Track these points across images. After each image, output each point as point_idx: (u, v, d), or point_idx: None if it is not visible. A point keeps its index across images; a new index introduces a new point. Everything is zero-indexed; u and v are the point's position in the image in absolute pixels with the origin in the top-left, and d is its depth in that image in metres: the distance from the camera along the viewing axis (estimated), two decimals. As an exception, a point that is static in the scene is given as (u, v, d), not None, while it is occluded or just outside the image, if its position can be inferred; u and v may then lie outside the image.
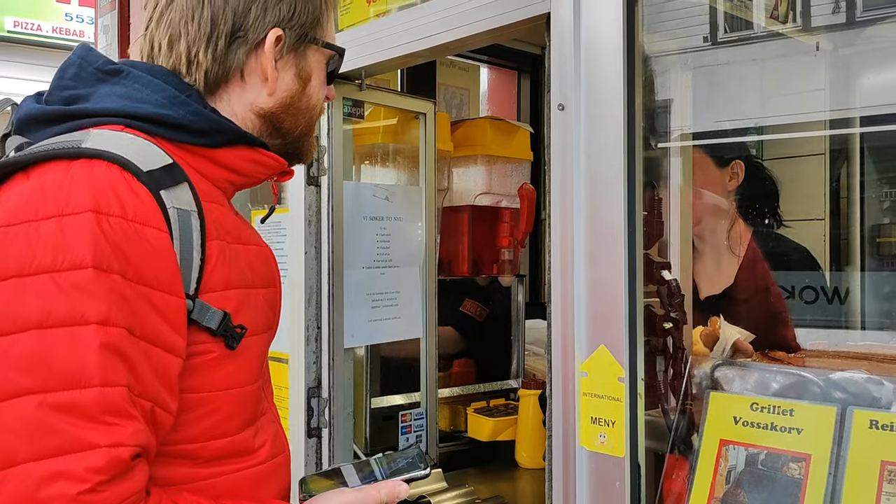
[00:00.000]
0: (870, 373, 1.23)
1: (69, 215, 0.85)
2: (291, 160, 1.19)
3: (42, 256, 0.83)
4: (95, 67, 1.02)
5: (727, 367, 1.36)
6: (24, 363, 0.80)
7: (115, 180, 0.88)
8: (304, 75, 1.12)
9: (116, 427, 0.82)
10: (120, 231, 0.86)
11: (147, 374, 0.86)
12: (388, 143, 2.35)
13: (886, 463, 1.11)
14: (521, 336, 2.80)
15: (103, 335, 0.82)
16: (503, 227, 2.63)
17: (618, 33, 1.29)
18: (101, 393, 0.81)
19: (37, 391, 0.80)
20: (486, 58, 3.24)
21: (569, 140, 1.36)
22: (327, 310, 2.01)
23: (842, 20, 2.21)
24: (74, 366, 0.81)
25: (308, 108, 1.15)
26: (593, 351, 1.31)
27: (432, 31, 1.66)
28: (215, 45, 1.05)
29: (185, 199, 0.94)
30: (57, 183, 0.87)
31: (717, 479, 1.26)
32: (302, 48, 1.11)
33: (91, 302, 0.82)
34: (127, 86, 1.01)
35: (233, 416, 1.00)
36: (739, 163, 1.94)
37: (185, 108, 1.00)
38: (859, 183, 3.05)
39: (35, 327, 0.81)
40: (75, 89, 1.01)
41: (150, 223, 0.89)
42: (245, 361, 1.00)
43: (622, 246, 1.28)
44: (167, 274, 0.89)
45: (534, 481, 2.29)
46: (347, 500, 1.06)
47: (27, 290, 0.82)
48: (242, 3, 1.06)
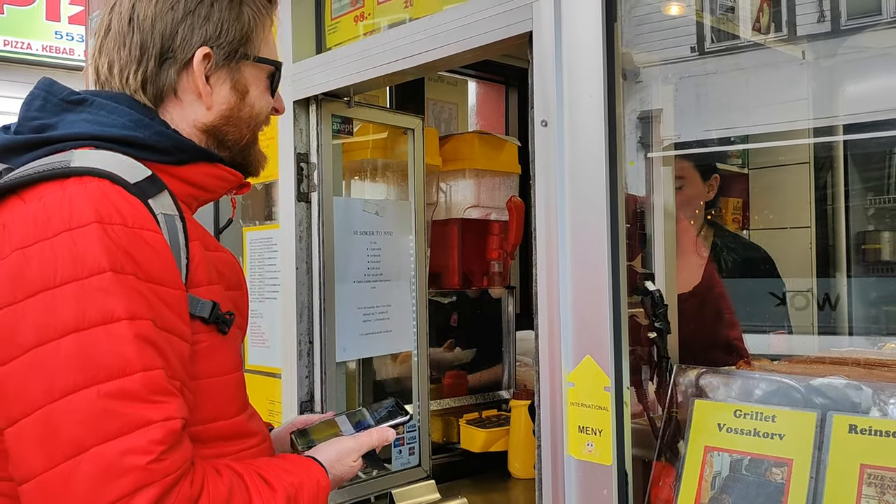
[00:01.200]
0: (849, 378, 1.26)
1: (77, 228, 0.92)
2: (243, 172, 1.24)
3: (63, 269, 0.91)
4: (60, 98, 1.09)
5: (712, 374, 1.39)
6: (73, 363, 0.89)
7: (109, 193, 0.96)
8: (241, 88, 1.17)
9: (164, 404, 0.91)
10: (124, 237, 0.94)
11: (173, 358, 0.96)
12: (377, 158, 2.38)
13: (866, 466, 1.14)
14: (512, 347, 2.83)
15: (134, 328, 0.91)
16: (493, 239, 2.65)
17: (597, 50, 1.32)
18: (144, 377, 0.91)
19: (90, 384, 0.88)
20: (475, 72, 3.27)
21: (552, 155, 1.39)
22: (319, 324, 2.03)
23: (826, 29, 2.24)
24: (117, 357, 0.90)
25: (250, 117, 1.20)
26: (579, 361, 1.34)
27: (419, 50, 1.69)
28: (145, 66, 1.12)
29: (168, 204, 1.04)
30: (57, 201, 0.95)
31: (702, 484, 1.29)
32: (234, 63, 1.16)
33: (117, 301, 0.91)
34: (93, 112, 1.08)
35: (229, 401, 1.10)
36: (717, 176, 2.11)
37: (149, 129, 1.08)
38: (844, 190, 3.09)
39: (73, 331, 0.89)
40: (42, 119, 1.08)
41: (147, 227, 0.97)
42: (231, 349, 1.11)
43: (606, 258, 1.31)
44: (168, 271, 0.98)
45: (526, 491, 2.31)
46: (348, 446, 1.20)
47: (57, 301, 0.90)
48: (170, 26, 1.12)
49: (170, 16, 1.12)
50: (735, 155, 3.11)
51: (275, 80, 1.22)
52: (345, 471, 1.19)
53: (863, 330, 2.84)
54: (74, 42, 9.36)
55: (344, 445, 1.21)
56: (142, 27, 1.12)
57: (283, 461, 1.13)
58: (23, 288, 0.91)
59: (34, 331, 0.90)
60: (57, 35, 9.34)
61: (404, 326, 2.27)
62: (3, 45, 8.90)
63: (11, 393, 0.90)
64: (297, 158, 2.03)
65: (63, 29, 9.38)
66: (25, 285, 0.91)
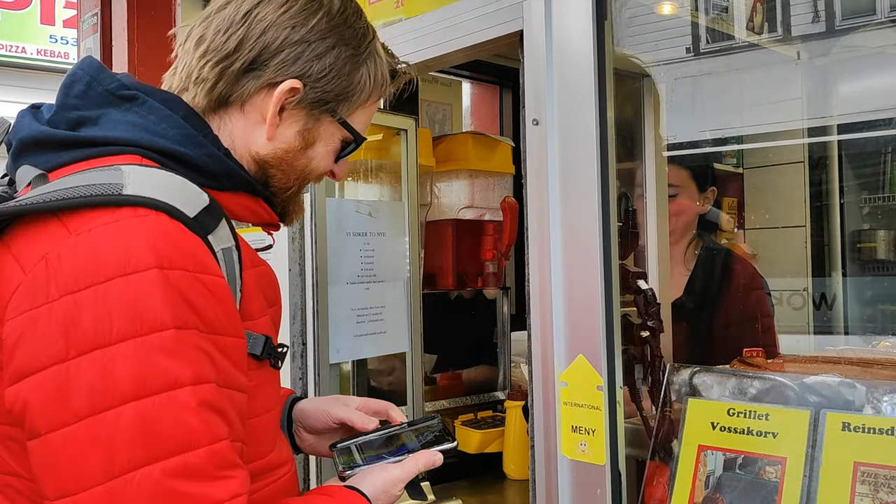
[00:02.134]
0: (843, 376, 1.25)
1: (133, 274, 0.82)
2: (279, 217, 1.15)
3: (120, 324, 0.81)
4: (107, 89, 0.97)
5: (705, 373, 1.39)
6: (134, 436, 0.80)
7: (169, 231, 0.86)
8: (309, 138, 1.08)
9: (231, 479, 0.84)
10: (185, 284, 0.84)
11: (235, 419, 0.88)
12: (370, 159, 2.37)
13: (859, 464, 1.14)
14: (507, 348, 2.82)
15: (199, 394, 0.83)
16: (487, 240, 2.65)
17: (588, 49, 1.32)
18: (209, 451, 0.83)
19: (153, 461, 0.80)
20: (468, 73, 3.27)
21: (543, 154, 1.38)
22: (312, 326, 2.02)
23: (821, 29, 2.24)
24: (181, 429, 0.81)
25: (304, 171, 1.10)
26: (572, 361, 1.34)
27: (411, 50, 1.69)
28: (229, 64, 1.02)
29: (226, 236, 0.94)
30: (110, 237, 0.83)
31: (696, 483, 1.28)
32: (317, 112, 1.06)
33: (180, 364, 0.82)
34: (142, 116, 0.97)
35: (269, 438, 1.03)
36: (714, 189, 2.07)
37: (201, 148, 0.98)
38: (839, 189, 3.09)
39: (133, 398, 0.80)
40: (82, 110, 0.96)
41: (209, 271, 0.87)
42: (274, 383, 1.03)
43: (598, 257, 1.30)
44: (230, 318, 0.89)
45: (522, 492, 2.30)
46: (395, 476, 1.08)
47: (115, 362, 0.80)
48: (279, 42, 1.02)
49: (286, 33, 1.02)
50: (730, 155, 3.11)
51: (347, 149, 1.13)
52: (387, 501, 1.09)
53: (858, 329, 2.84)
54: (69, 46, 9.34)
55: (391, 475, 1.09)
56: (252, 26, 1.02)
57: (329, 496, 1.04)
58: (75, 343, 0.80)
59: (89, 396, 0.80)
60: (52, 39, 9.32)
61: (398, 328, 2.26)
62: (-2, 48, 8.89)
63: (63, 463, 0.81)
64: (290, 159, 2.02)
65: (58, 33, 9.36)
66: (78, 340, 0.80)
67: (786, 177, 3.10)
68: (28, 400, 0.81)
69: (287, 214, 1.15)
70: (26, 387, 0.81)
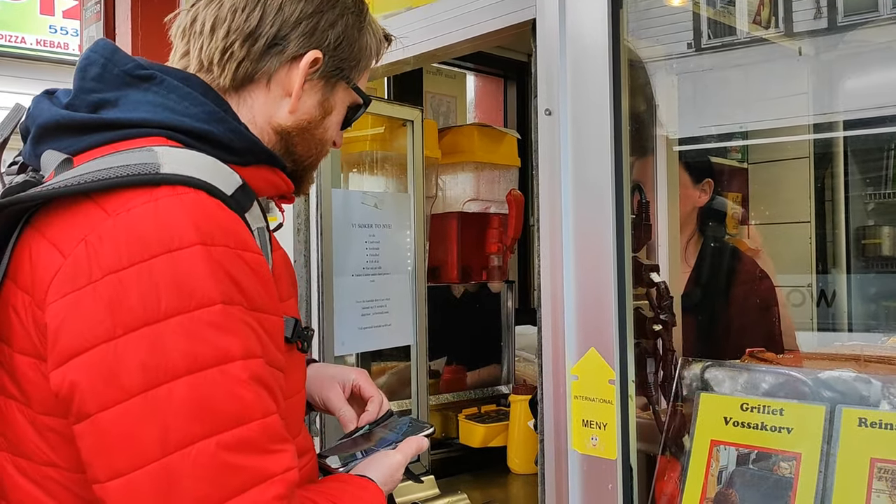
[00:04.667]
0: (858, 371, 1.24)
1: (178, 250, 0.82)
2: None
3: (167, 300, 0.80)
4: (123, 70, 0.97)
5: (717, 368, 1.37)
6: (189, 410, 0.80)
7: (210, 209, 0.86)
8: (327, 106, 1.10)
9: (283, 453, 0.85)
10: (228, 261, 0.84)
11: (279, 394, 0.89)
12: (375, 150, 2.36)
13: (876, 460, 1.12)
14: (511, 342, 2.81)
15: (250, 368, 0.83)
16: (492, 233, 2.63)
17: (603, 37, 1.30)
18: (262, 424, 0.83)
19: (209, 435, 0.80)
20: (473, 65, 3.25)
21: (556, 144, 1.37)
22: (317, 317, 2.01)
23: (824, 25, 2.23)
24: (235, 403, 0.82)
25: (322, 140, 1.12)
26: (583, 354, 1.32)
27: (418, 39, 1.67)
28: (254, 41, 1.02)
29: (258, 216, 0.95)
30: (150, 216, 0.83)
31: (708, 479, 1.27)
32: (334, 80, 1.09)
33: (230, 338, 0.82)
34: (162, 95, 0.96)
35: (298, 420, 1.05)
36: (710, 181, 2.02)
37: (224, 125, 0.97)
38: (843, 185, 3.08)
39: (185, 373, 0.80)
40: (100, 92, 0.95)
41: (249, 248, 0.88)
42: (301, 366, 1.05)
43: (611, 249, 1.29)
44: (269, 296, 0.90)
45: (526, 486, 2.29)
46: (397, 460, 1.13)
47: (165, 337, 0.80)
48: (296, 15, 1.03)
49: (301, 6, 1.04)
50: (735, 150, 3.10)
51: (355, 115, 1.16)
52: (393, 485, 1.14)
53: (862, 326, 2.83)
54: (69, 36, 9.30)
55: (394, 460, 1.13)
56: (268, 2, 1.03)
57: (348, 485, 1.06)
58: (122, 321, 0.80)
59: (140, 372, 0.79)
60: (51, 29, 9.28)
61: (403, 320, 2.25)
62: (-3, 38, 8.85)
63: (116, 442, 0.80)
64: (295, 150, 2.00)
65: (57, 23, 9.32)
66: (126, 318, 0.80)
67: (791, 172, 3.09)
68: (76, 381, 0.81)
69: (304, 184, 1.16)
70: (73, 368, 0.81)
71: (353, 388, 1.29)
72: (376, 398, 1.28)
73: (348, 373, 1.31)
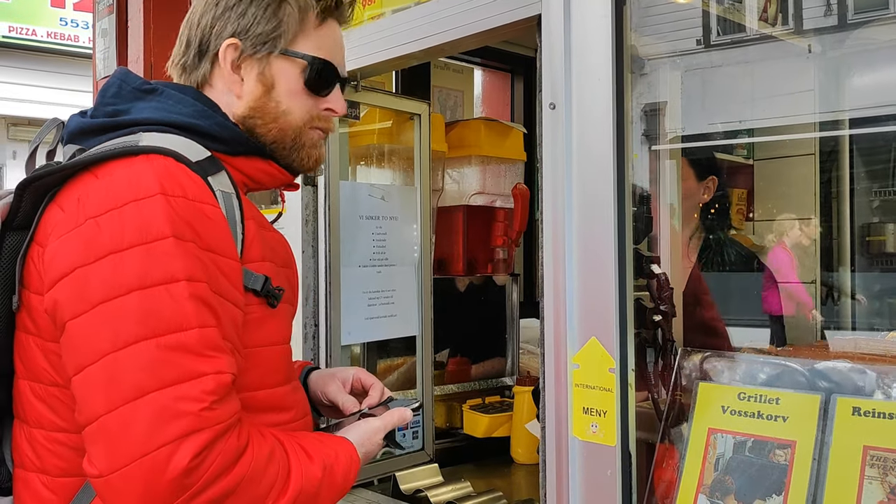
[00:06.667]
0: (853, 362, 1.26)
1: (143, 199, 1.00)
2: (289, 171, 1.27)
3: (130, 235, 0.98)
4: (133, 87, 1.18)
5: (716, 358, 1.40)
6: (136, 317, 0.96)
7: (173, 169, 1.04)
8: (266, 81, 1.20)
9: (216, 358, 0.98)
10: (185, 209, 1.01)
11: (226, 321, 1.02)
12: (383, 143, 2.39)
13: (868, 448, 1.15)
14: (515, 334, 2.83)
15: (192, 288, 0.98)
16: (497, 226, 2.66)
17: (607, 33, 1.32)
18: (199, 333, 0.98)
19: (151, 336, 0.96)
20: (480, 60, 3.27)
21: (560, 138, 1.39)
22: (324, 308, 2.04)
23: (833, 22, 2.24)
24: (176, 314, 0.97)
25: (276, 115, 1.21)
26: (585, 343, 1.35)
27: (426, 34, 1.70)
28: (186, 57, 1.23)
29: (226, 183, 1.11)
30: (126, 176, 1.03)
31: (705, 466, 1.29)
32: (262, 55, 1.20)
33: (177, 263, 0.98)
34: (161, 101, 1.17)
35: (273, 371, 1.15)
36: (714, 178, 2.02)
37: (211, 119, 1.16)
38: (849, 183, 3.08)
39: (137, 289, 0.97)
40: (116, 105, 1.16)
41: (206, 201, 1.05)
42: (279, 322, 1.17)
43: (612, 240, 1.31)
44: (225, 242, 1.05)
45: (529, 476, 2.32)
46: (375, 426, 1.24)
47: (124, 262, 0.98)
48: (210, 21, 1.21)
49: (213, 12, 1.21)
50: (740, 146, 3.11)
51: (309, 76, 1.22)
52: (372, 448, 1.24)
53: (866, 324, 2.84)
54: (79, 29, 9.36)
55: (372, 425, 1.25)
56: (191, 23, 1.23)
57: (318, 435, 1.19)
58: (94, 251, 0.98)
59: (102, 288, 0.97)
60: (62, 22, 9.34)
61: (409, 311, 2.28)
62: (8, 31, 8.91)
63: (80, 343, 0.98)
64: (304, 142, 2.03)
65: (68, 16, 9.38)
66: (96, 249, 0.98)
67: (796, 169, 3.10)
68: (58, 299, 1.00)
69: (294, 164, 1.25)
70: (57, 289, 1.00)
71: (353, 382, 1.38)
72: (377, 385, 1.37)
73: (347, 370, 1.41)
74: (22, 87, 8.94)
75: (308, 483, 1.07)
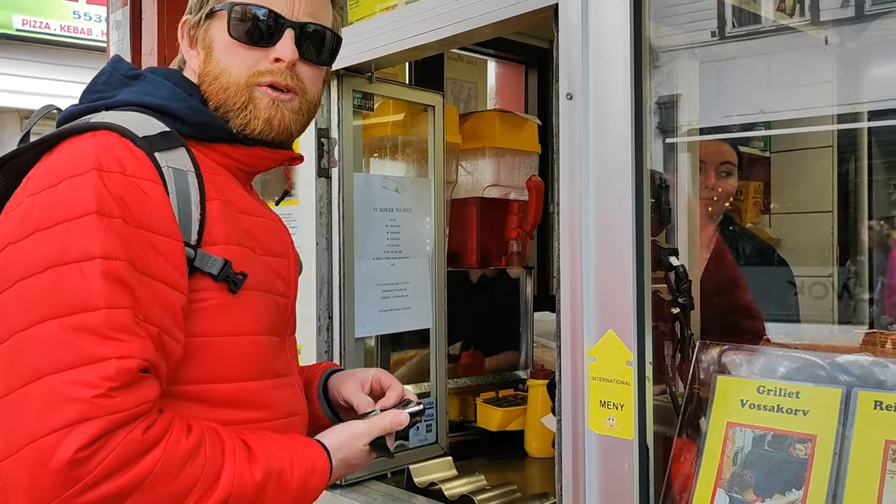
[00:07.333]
0: (874, 356, 1.25)
1: (76, 176, 0.98)
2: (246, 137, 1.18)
3: (57, 212, 0.96)
4: (122, 74, 1.17)
5: (735, 351, 1.38)
6: (44, 296, 0.93)
7: (114, 144, 1.01)
8: (207, 45, 1.19)
9: (123, 342, 0.93)
10: (120, 184, 0.98)
11: (151, 303, 0.97)
12: (397, 135, 2.37)
13: (891, 442, 1.13)
14: (529, 328, 2.82)
15: (106, 266, 0.94)
16: (511, 219, 2.64)
17: (625, 22, 1.31)
18: (107, 314, 0.93)
19: (55, 316, 0.92)
20: (494, 52, 3.25)
21: (577, 128, 1.38)
22: (338, 299, 2.04)
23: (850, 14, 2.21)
24: (83, 293, 0.93)
25: (217, 74, 1.17)
26: (602, 336, 1.33)
27: (441, 24, 1.68)
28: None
29: (182, 160, 1.07)
30: (68, 153, 1.01)
31: (724, 460, 1.28)
32: (205, 25, 1.19)
33: (95, 240, 0.94)
34: (142, 86, 1.16)
35: (238, 363, 1.09)
36: None
37: (184, 103, 1.14)
38: (867, 175, 3.05)
39: (52, 266, 0.94)
40: (103, 92, 1.15)
41: (145, 177, 1.01)
42: (247, 312, 1.10)
43: (630, 232, 1.30)
44: (163, 219, 1.01)
45: (543, 469, 2.31)
46: (359, 429, 1.18)
47: (46, 239, 0.95)
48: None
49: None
50: (757, 138, 3.08)
51: (232, 25, 1.15)
52: (354, 454, 1.17)
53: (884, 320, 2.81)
54: (92, 22, 9.38)
55: (354, 429, 1.18)
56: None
57: (284, 437, 1.11)
58: (25, 229, 0.97)
59: (22, 265, 0.95)
60: (75, 15, 9.36)
61: (423, 304, 2.27)
62: (22, 24, 8.94)
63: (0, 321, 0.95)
64: (318, 134, 2.03)
65: (81, 9, 9.40)
66: (26, 227, 0.97)
67: (814, 161, 3.07)
68: None
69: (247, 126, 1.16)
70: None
71: (373, 382, 1.32)
72: (395, 387, 1.30)
73: (368, 371, 1.36)
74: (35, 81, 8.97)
75: (242, 487, 1.00)
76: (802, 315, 2.58)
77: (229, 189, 1.14)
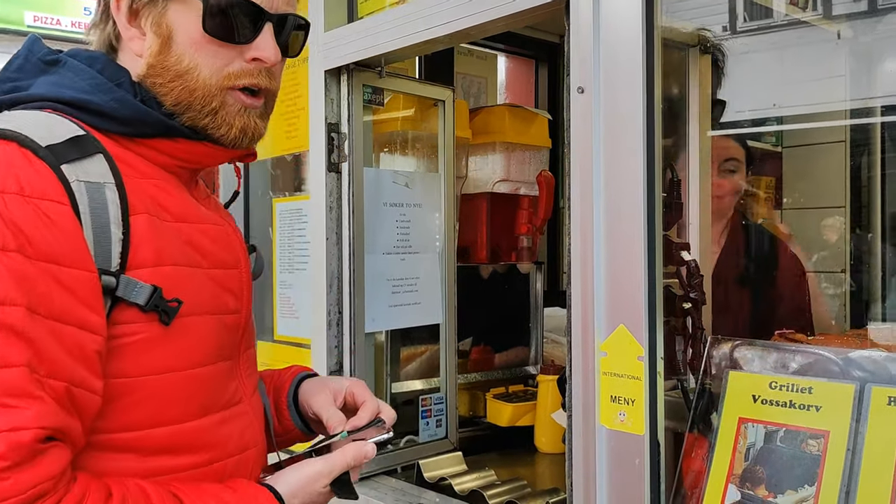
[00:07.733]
0: (889, 351, 1.24)
1: None
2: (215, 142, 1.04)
3: None
4: (38, 58, 1.00)
5: (746, 347, 1.37)
6: None
7: (12, 157, 0.85)
8: (163, 32, 1.00)
9: (15, 410, 0.78)
10: (17, 208, 0.82)
11: (57, 353, 0.82)
12: (407, 130, 2.37)
13: (905, 438, 1.12)
14: (539, 323, 2.82)
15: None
16: (522, 214, 2.64)
17: (637, 16, 1.29)
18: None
19: None
20: (504, 46, 3.25)
21: (588, 122, 1.37)
22: (348, 295, 2.04)
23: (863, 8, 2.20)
24: None
25: (179, 72, 1.00)
26: (613, 330, 1.33)
27: (452, 17, 1.68)
28: (97, 17, 1.06)
29: (97, 171, 0.90)
30: None
31: (735, 456, 1.27)
32: (163, 6, 1.00)
33: None
34: (61, 74, 0.99)
35: (175, 403, 0.95)
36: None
37: (109, 94, 0.97)
38: (880, 171, 3.03)
39: None
40: (17, 81, 1.00)
41: (48, 197, 0.85)
42: (184, 343, 0.95)
43: (642, 227, 1.29)
44: (71, 248, 0.85)
45: (553, 465, 2.31)
46: (316, 469, 1.03)
47: None
48: None
49: None
50: (769, 133, 3.06)
51: (208, 19, 0.99)
52: (313, 499, 1.03)
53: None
54: (104, 19, 9.41)
55: (312, 469, 1.03)
56: None
57: (227, 488, 0.97)
58: None
59: None
60: (86, 11, 9.38)
61: (432, 299, 2.27)
62: (33, 20, 8.96)
63: None
64: (328, 128, 2.03)
65: (92, 5, 9.42)
66: None
67: (826, 156, 3.04)
68: None
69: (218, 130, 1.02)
70: None
71: (346, 395, 1.20)
72: (369, 404, 1.16)
73: (342, 381, 1.22)
74: (48, 77, 9.02)
75: None
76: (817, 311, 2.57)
77: (164, 194, 0.99)
